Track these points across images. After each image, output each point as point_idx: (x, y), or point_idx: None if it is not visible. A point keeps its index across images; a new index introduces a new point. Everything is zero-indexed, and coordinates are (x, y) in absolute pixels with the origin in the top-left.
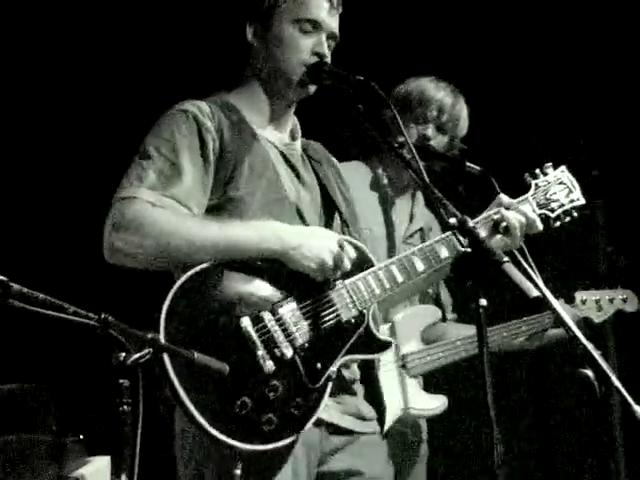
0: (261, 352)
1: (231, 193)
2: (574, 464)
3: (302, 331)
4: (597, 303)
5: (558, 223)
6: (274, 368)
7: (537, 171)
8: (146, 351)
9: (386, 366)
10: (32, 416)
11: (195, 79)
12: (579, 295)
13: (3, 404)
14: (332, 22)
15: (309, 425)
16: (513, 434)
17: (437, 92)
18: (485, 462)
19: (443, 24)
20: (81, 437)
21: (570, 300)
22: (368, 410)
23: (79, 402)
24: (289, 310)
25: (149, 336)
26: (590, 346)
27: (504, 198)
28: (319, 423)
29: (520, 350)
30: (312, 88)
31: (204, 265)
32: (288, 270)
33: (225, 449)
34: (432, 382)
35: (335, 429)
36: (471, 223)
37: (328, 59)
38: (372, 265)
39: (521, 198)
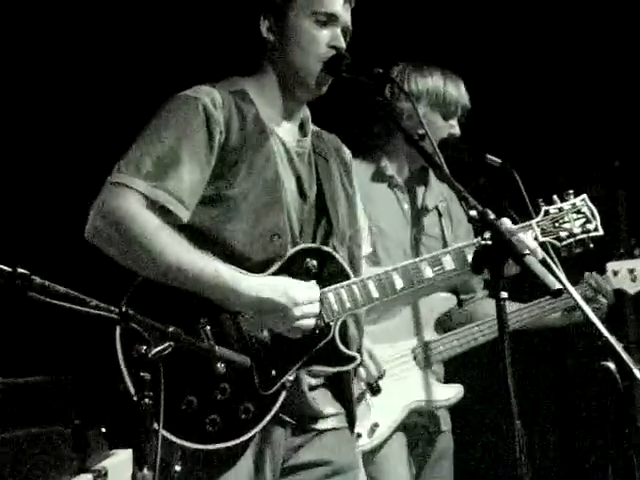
0: None
1: (224, 191)
2: (596, 457)
3: (260, 337)
4: (631, 273)
5: (566, 253)
6: (225, 370)
7: (554, 197)
8: (167, 344)
9: (398, 360)
10: (53, 409)
11: (207, 64)
12: (610, 266)
13: (24, 396)
14: (346, 15)
15: (256, 430)
16: (535, 427)
17: (449, 83)
18: (507, 455)
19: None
20: (103, 430)
21: (600, 272)
22: (327, 407)
23: (100, 395)
24: (250, 315)
25: (170, 329)
26: (612, 338)
27: (505, 224)
28: (283, 422)
29: (550, 327)
30: (325, 88)
31: None
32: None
33: (165, 444)
34: (449, 372)
35: (297, 428)
36: (492, 215)
37: (344, 52)
38: (348, 277)
39: (524, 224)
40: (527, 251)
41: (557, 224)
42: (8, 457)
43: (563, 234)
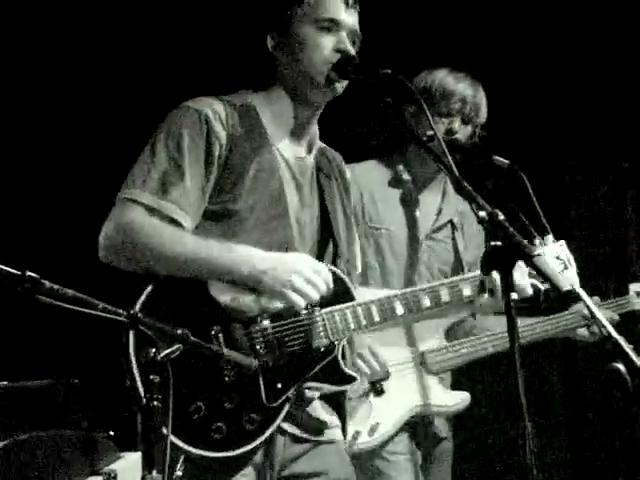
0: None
1: (229, 205)
2: (606, 459)
3: (269, 350)
4: None
5: (543, 297)
6: (234, 379)
7: (536, 241)
8: (176, 346)
9: (404, 364)
10: (62, 412)
11: (218, 80)
12: (633, 287)
13: (33, 400)
14: (351, 20)
15: (260, 440)
16: (544, 429)
17: (458, 84)
18: (514, 458)
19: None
20: (111, 433)
21: (622, 292)
22: (327, 419)
23: (109, 398)
24: (261, 327)
25: (179, 332)
26: (622, 340)
27: None
28: (282, 431)
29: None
30: (339, 88)
31: None
32: None
33: (171, 448)
34: (454, 378)
35: (296, 438)
36: (501, 216)
37: (353, 54)
38: (352, 299)
39: None
40: (537, 252)
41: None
42: (17, 461)
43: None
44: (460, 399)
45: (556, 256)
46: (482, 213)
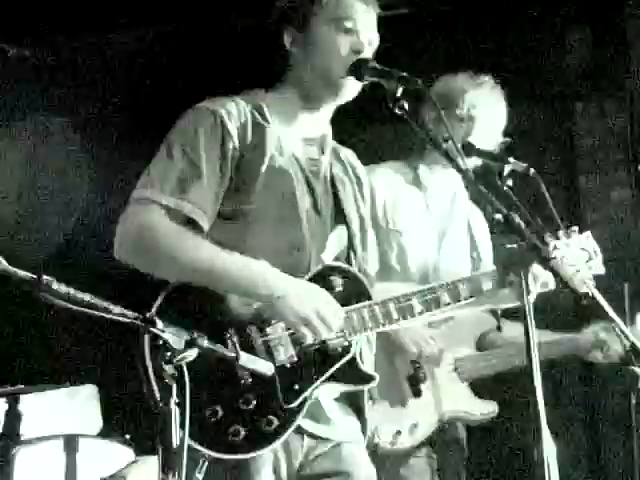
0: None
1: (243, 205)
2: (623, 465)
3: (285, 351)
4: None
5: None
6: (250, 381)
7: (560, 233)
8: (192, 350)
9: (445, 367)
10: (79, 416)
11: (230, 78)
12: None
13: (51, 404)
14: (369, 21)
15: (278, 442)
16: (561, 434)
17: (478, 89)
18: (531, 463)
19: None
20: (127, 437)
21: (631, 322)
22: (346, 420)
23: (125, 401)
24: (276, 329)
25: (195, 336)
26: (638, 344)
27: None
28: (300, 431)
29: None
30: (354, 89)
31: None
32: None
33: (189, 451)
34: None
35: (315, 437)
36: (517, 219)
37: (369, 56)
38: (369, 298)
39: None
40: (553, 255)
41: (564, 260)
42: None
43: (570, 270)
44: (491, 409)
45: (581, 247)
46: (498, 216)
